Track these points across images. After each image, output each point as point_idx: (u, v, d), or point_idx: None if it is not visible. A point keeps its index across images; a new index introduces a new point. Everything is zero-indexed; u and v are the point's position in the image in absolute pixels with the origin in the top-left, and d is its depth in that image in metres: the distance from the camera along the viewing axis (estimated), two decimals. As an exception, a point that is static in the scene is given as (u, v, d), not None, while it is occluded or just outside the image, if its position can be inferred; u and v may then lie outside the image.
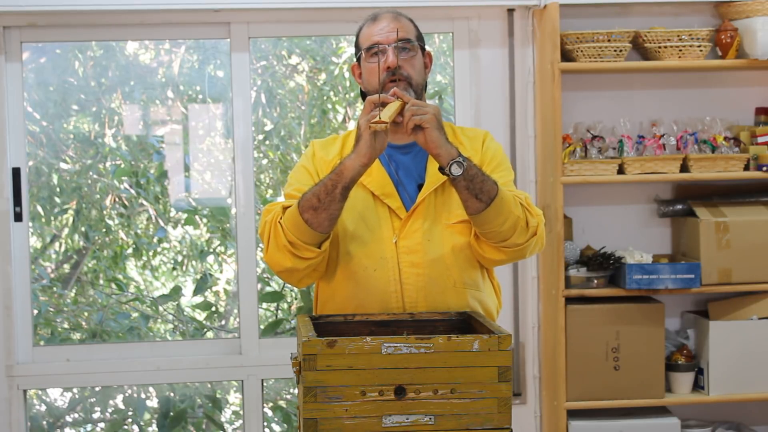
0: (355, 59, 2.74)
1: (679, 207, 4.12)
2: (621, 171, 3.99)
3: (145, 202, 4.64)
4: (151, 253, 4.78)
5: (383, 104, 2.47)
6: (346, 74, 4.60)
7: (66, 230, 4.72)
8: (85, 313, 4.67)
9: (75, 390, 4.70)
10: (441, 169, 2.48)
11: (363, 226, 2.60)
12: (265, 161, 4.72)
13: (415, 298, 2.57)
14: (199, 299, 4.76)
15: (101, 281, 4.75)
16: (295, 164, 2.77)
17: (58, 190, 4.59)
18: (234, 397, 4.80)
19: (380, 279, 2.58)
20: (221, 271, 4.77)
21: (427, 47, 2.74)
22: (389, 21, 2.66)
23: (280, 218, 2.54)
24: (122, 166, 4.57)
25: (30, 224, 4.17)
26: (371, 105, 2.47)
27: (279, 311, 4.74)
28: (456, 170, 2.44)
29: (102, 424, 4.75)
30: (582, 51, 3.94)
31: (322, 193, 2.48)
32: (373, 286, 2.58)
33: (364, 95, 2.72)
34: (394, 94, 2.50)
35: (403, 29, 2.65)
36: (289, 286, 4.01)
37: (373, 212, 2.62)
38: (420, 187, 2.64)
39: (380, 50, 2.63)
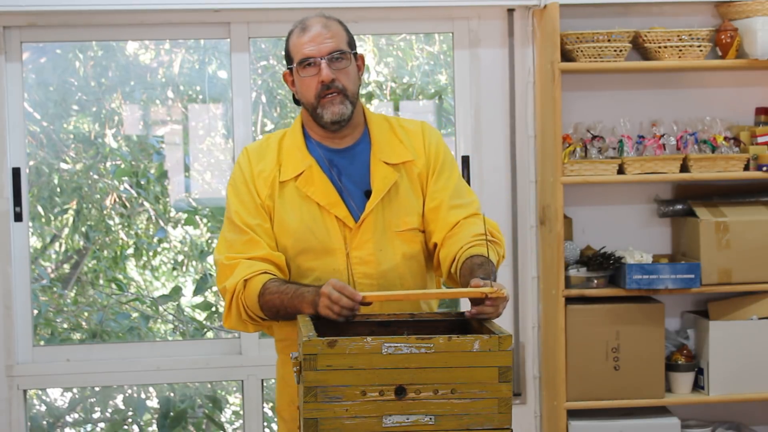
0: (286, 67, 2.66)
1: (679, 207, 4.12)
2: (621, 171, 3.99)
3: (145, 203, 4.65)
4: (151, 254, 4.78)
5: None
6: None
7: (66, 230, 4.72)
8: (85, 313, 4.67)
9: (75, 390, 4.70)
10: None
11: (312, 238, 2.58)
12: (265, 161, 4.71)
13: (371, 308, 2.55)
14: (199, 299, 4.76)
15: (101, 281, 4.75)
16: (232, 175, 2.69)
17: (58, 190, 4.59)
18: (234, 397, 4.80)
19: None
20: (221, 271, 4.77)
21: (358, 50, 2.67)
22: (319, 29, 2.57)
23: (242, 294, 2.54)
24: (122, 166, 4.57)
25: (30, 224, 4.17)
26: (337, 298, 2.35)
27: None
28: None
29: (102, 424, 4.75)
30: (582, 51, 3.94)
31: (282, 311, 2.49)
32: None
33: (297, 102, 2.67)
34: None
35: (334, 39, 2.57)
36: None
37: (321, 223, 2.59)
38: (367, 194, 2.61)
39: (313, 63, 2.56)
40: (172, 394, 4.67)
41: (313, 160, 2.63)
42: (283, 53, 2.67)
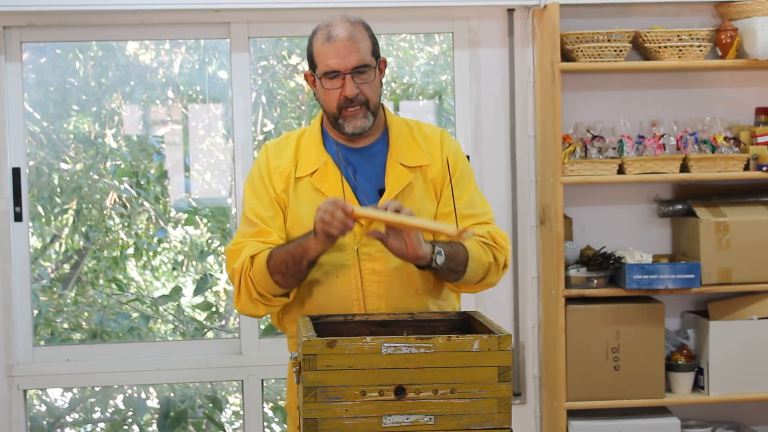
0: (308, 68, 2.65)
1: (679, 207, 4.12)
2: (621, 171, 3.99)
3: (145, 203, 4.65)
4: (151, 254, 4.78)
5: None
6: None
7: (66, 230, 4.72)
8: (86, 314, 4.67)
9: (75, 390, 4.70)
10: (422, 267, 2.50)
11: None
12: (265, 161, 4.71)
13: (377, 306, 2.57)
14: (199, 299, 4.76)
15: (101, 281, 4.75)
16: (250, 172, 2.71)
17: (58, 190, 4.59)
18: (234, 397, 4.80)
19: (342, 286, 2.58)
20: (221, 272, 4.77)
21: (381, 54, 2.65)
22: (345, 41, 2.54)
23: (250, 270, 2.55)
24: (122, 166, 4.57)
25: (30, 224, 4.17)
26: (332, 211, 2.40)
27: (279, 311, 4.74)
28: (440, 260, 2.47)
29: (102, 424, 4.75)
30: (582, 51, 3.94)
31: (290, 263, 2.49)
32: (335, 294, 2.58)
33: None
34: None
35: (359, 51, 2.55)
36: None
37: None
38: (380, 192, 2.62)
39: (337, 76, 2.55)
40: (172, 394, 4.67)
41: (329, 157, 2.64)
42: (306, 53, 2.65)
